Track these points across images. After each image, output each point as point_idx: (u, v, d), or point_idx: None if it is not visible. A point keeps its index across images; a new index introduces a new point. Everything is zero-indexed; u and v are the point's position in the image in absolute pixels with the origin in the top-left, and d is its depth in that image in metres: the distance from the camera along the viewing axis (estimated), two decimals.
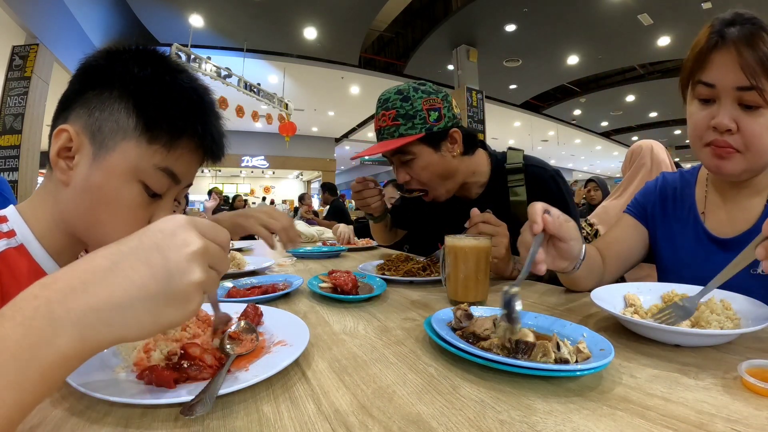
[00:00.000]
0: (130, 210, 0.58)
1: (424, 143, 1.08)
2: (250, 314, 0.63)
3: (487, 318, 0.58)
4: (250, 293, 0.87)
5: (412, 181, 1.14)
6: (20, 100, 5.39)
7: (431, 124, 1.07)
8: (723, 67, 0.71)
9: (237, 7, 6.98)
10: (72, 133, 0.56)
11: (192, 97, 0.60)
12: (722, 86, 0.72)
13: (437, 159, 1.10)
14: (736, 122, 0.72)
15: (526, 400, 0.42)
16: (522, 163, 1.19)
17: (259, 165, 14.77)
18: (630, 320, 0.59)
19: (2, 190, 2.43)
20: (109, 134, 0.56)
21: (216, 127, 0.63)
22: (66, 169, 0.57)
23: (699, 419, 0.37)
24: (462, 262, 0.81)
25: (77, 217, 0.59)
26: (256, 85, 7.62)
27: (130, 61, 0.57)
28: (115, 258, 0.33)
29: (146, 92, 0.56)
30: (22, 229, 0.59)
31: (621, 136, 16.35)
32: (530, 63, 9.55)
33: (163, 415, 0.39)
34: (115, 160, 0.56)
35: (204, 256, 0.35)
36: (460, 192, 1.24)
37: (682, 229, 0.91)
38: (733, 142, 0.73)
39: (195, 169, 0.65)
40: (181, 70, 0.61)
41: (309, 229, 2.30)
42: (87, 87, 0.58)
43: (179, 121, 0.58)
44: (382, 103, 1.11)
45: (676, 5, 6.70)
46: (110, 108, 0.56)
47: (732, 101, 0.72)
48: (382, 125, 1.10)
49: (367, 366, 0.51)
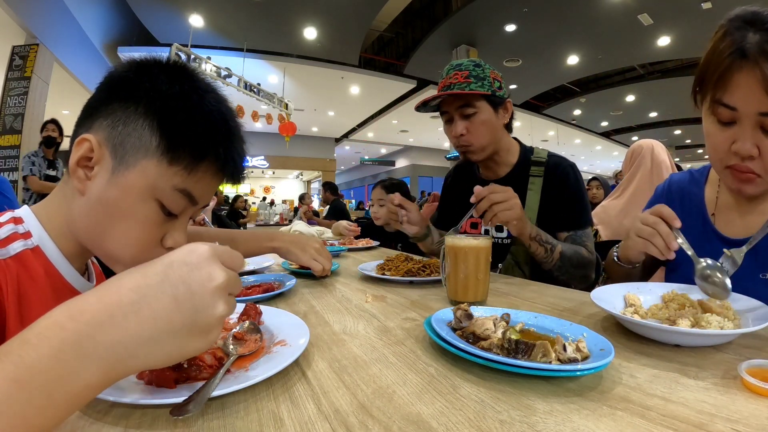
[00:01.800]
0: (143, 228, 0.57)
1: (488, 102, 1.23)
2: (250, 313, 0.63)
3: (487, 318, 0.58)
4: (251, 292, 0.87)
5: (467, 135, 1.24)
6: (20, 100, 5.39)
7: (495, 89, 1.24)
8: (746, 89, 0.65)
9: (237, 7, 6.99)
10: (94, 143, 0.55)
11: (218, 121, 0.58)
12: (745, 111, 0.67)
13: (494, 119, 1.25)
14: (759, 147, 0.68)
15: (526, 400, 0.42)
16: (545, 159, 1.31)
17: (259, 165, 14.77)
18: (630, 320, 0.59)
19: (3, 189, 2.43)
20: (130, 150, 0.55)
21: (239, 152, 0.62)
22: (84, 179, 0.56)
23: (699, 419, 0.37)
24: (462, 261, 0.81)
25: (87, 227, 0.58)
26: (256, 85, 7.62)
27: (159, 77, 0.56)
28: (142, 292, 0.34)
29: (172, 112, 0.55)
30: (38, 231, 0.58)
31: (621, 136, 16.36)
32: (530, 63, 9.56)
33: (164, 415, 0.39)
34: (134, 177, 0.55)
35: (227, 289, 0.37)
36: (491, 167, 1.36)
37: (691, 230, 0.87)
38: (755, 167, 0.70)
39: (213, 191, 0.64)
40: (210, 90, 0.60)
41: (309, 229, 2.31)
42: (113, 98, 0.56)
43: (202, 145, 0.57)
44: (455, 66, 1.26)
45: (676, 5, 6.70)
46: (134, 123, 0.55)
47: (754, 125, 0.68)
48: (453, 81, 1.23)
49: (367, 366, 0.51)
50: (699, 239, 0.87)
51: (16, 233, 0.56)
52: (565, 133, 15.16)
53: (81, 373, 0.30)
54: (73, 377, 0.30)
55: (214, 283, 0.36)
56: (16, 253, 0.55)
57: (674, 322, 0.59)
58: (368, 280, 1.08)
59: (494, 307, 0.69)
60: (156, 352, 0.34)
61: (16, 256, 0.55)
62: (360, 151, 18.19)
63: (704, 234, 0.87)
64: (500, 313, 0.62)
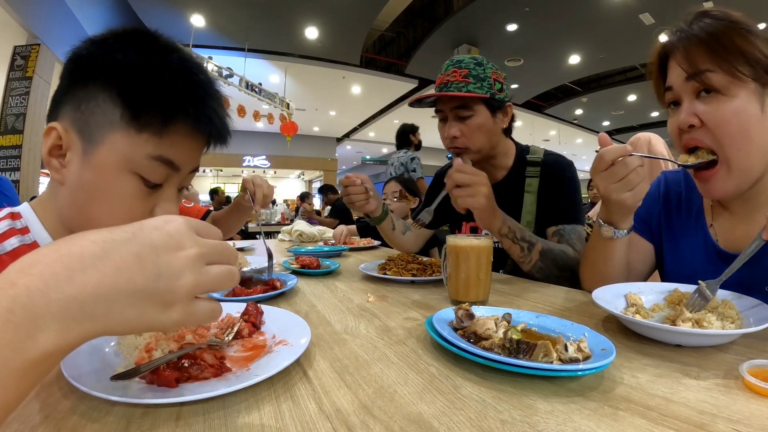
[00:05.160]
0: (126, 203, 0.55)
1: (486, 105, 1.17)
2: (251, 313, 0.64)
3: (488, 318, 0.58)
4: (252, 291, 0.87)
5: (460, 138, 1.18)
6: (22, 100, 5.39)
7: (495, 91, 1.16)
8: (675, 68, 0.72)
9: (238, 7, 6.98)
10: (60, 130, 0.54)
11: (182, 78, 0.55)
12: (677, 84, 0.72)
13: (491, 123, 1.18)
14: (698, 116, 0.70)
15: (528, 400, 0.42)
16: (541, 158, 1.26)
17: (260, 165, 14.75)
18: (631, 320, 0.59)
19: (5, 189, 2.43)
20: (96, 128, 0.53)
21: (214, 109, 0.58)
22: (59, 168, 0.55)
23: (700, 419, 0.37)
24: (463, 261, 0.81)
25: (75, 216, 0.57)
26: (258, 84, 7.62)
27: (114, 46, 0.53)
28: (106, 246, 0.30)
29: (130, 78, 0.52)
30: (35, 226, 0.59)
31: (623, 135, 16.30)
32: (531, 62, 9.53)
33: (165, 414, 0.39)
34: (104, 153, 0.53)
35: (198, 259, 0.34)
36: (487, 170, 1.28)
37: (689, 241, 0.85)
38: (701, 137, 0.70)
39: (196, 154, 0.61)
40: (173, 50, 0.56)
41: (311, 229, 2.30)
42: (73, 81, 0.55)
43: (168, 104, 0.54)
44: (454, 62, 1.18)
45: (677, 5, 6.66)
46: (95, 99, 0.53)
47: (690, 95, 0.71)
48: (451, 79, 1.15)
49: (368, 365, 0.51)
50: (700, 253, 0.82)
51: (12, 229, 0.57)
52: (567, 133, 15.12)
53: (35, 335, 0.27)
54: (27, 342, 0.26)
55: (183, 252, 0.33)
56: (12, 249, 0.55)
57: (675, 322, 0.59)
58: (369, 280, 1.08)
59: (495, 306, 0.69)
60: (114, 314, 0.30)
61: (12, 252, 0.55)
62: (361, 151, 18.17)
63: (705, 248, 0.82)
64: (501, 313, 0.62)
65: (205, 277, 0.34)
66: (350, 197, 1.26)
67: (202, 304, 0.34)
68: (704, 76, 0.67)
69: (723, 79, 0.67)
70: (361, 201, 1.27)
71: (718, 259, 0.79)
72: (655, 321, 0.62)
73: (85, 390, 0.40)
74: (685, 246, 0.86)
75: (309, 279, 1.11)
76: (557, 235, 1.16)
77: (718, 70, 0.66)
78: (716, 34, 0.67)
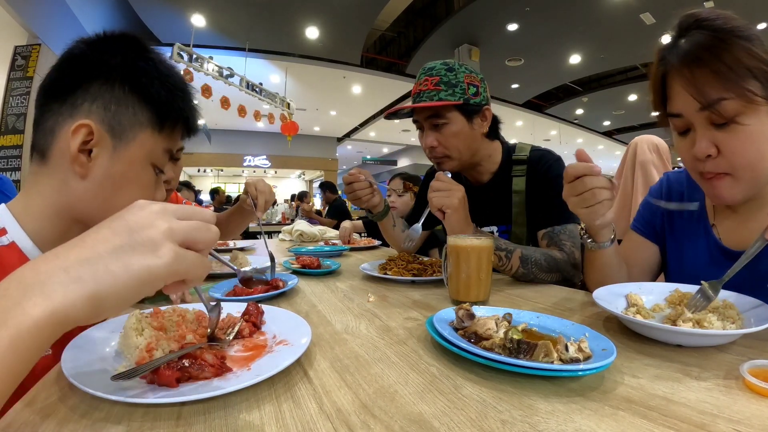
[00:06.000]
0: (146, 190, 0.67)
1: (460, 112, 1.14)
2: (252, 313, 0.64)
3: (489, 318, 0.58)
4: (253, 291, 0.87)
5: (438, 147, 1.17)
6: (22, 100, 5.39)
7: (469, 96, 1.13)
8: (681, 93, 0.68)
9: (239, 7, 6.98)
10: (94, 127, 0.59)
11: (180, 84, 0.68)
12: (688, 113, 0.68)
13: (467, 130, 1.16)
14: (715, 145, 0.67)
15: (528, 400, 0.42)
16: (527, 156, 1.23)
17: (261, 165, 14.76)
18: (632, 320, 0.59)
19: (5, 188, 2.43)
20: (128, 127, 0.62)
21: (191, 103, 0.72)
22: (85, 163, 0.60)
23: (701, 419, 0.37)
24: (464, 261, 0.81)
25: (95, 206, 0.63)
26: (258, 84, 7.62)
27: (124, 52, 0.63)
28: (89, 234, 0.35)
29: (149, 86, 0.63)
30: (12, 227, 0.59)
31: (623, 135, 16.30)
32: (532, 62, 9.53)
33: (165, 414, 0.39)
34: (135, 149, 0.63)
35: (167, 215, 0.36)
36: (472, 175, 1.30)
37: (692, 242, 0.85)
38: (720, 166, 0.69)
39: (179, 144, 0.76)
40: (163, 59, 0.68)
41: (311, 229, 2.30)
42: (88, 79, 0.61)
43: (178, 108, 0.67)
44: (426, 70, 1.17)
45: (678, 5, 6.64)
46: (125, 102, 0.62)
47: (705, 125, 0.68)
48: (423, 89, 1.14)
49: (368, 365, 0.51)
50: (704, 253, 0.82)
51: None
52: (567, 133, 15.11)
53: (22, 302, 0.29)
54: (17, 311, 0.29)
55: (150, 208, 0.36)
56: None
57: (676, 322, 0.59)
58: (370, 280, 1.08)
59: (496, 306, 0.69)
60: (99, 272, 0.32)
61: None
62: (362, 151, 18.18)
63: (708, 249, 0.82)
64: (502, 313, 0.62)
65: (179, 224, 0.36)
66: (356, 193, 1.27)
67: (191, 252, 0.36)
68: (719, 106, 0.64)
69: (737, 105, 0.64)
70: (367, 195, 1.28)
71: (723, 258, 0.79)
72: (656, 321, 0.62)
73: (86, 390, 0.40)
74: (689, 246, 0.86)
75: (309, 279, 1.11)
76: (546, 238, 1.13)
77: (731, 96, 0.64)
78: (719, 53, 0.63)
